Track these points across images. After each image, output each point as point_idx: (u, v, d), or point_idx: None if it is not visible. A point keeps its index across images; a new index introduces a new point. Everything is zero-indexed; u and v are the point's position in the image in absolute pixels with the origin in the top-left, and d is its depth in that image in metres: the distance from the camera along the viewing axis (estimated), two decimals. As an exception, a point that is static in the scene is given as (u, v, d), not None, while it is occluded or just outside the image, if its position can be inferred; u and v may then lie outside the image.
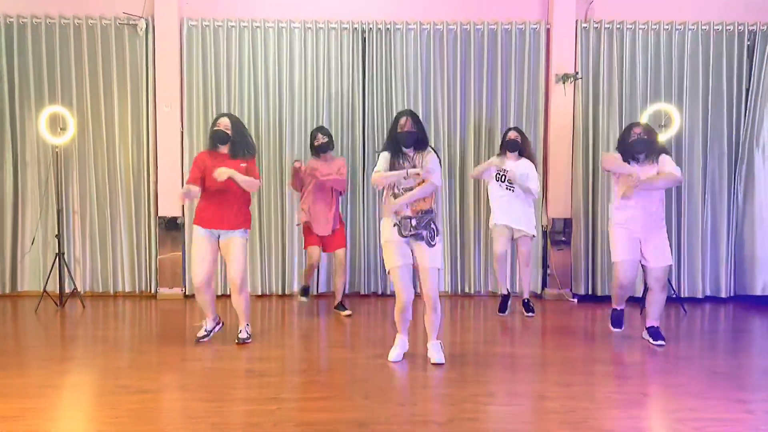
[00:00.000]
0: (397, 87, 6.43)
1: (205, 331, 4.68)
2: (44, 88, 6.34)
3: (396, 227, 4.04)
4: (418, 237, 4.02)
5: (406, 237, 4.01)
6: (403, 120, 4.09)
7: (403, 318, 4.17)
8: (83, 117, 6.40)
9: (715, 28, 6.35)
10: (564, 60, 6.39)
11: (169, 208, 6.37)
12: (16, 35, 6.28)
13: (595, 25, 6.38)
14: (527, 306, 5.64)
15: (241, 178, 4.42)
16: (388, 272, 4.11)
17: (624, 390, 3.65)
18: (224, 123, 4.55)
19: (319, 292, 6.57)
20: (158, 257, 6.42)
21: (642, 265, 4.57)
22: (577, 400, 3.46)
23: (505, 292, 5.68)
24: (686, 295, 6.42)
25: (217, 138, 4.54)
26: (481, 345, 4.74)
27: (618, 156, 4.56)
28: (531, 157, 5.56)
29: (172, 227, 6.40)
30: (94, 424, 3.18)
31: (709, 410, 3.33)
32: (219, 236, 4.57)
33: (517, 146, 5.49)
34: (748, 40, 6.38)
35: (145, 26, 6.32)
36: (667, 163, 4.47)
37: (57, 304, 5.98)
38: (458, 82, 6.44)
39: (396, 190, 4.05)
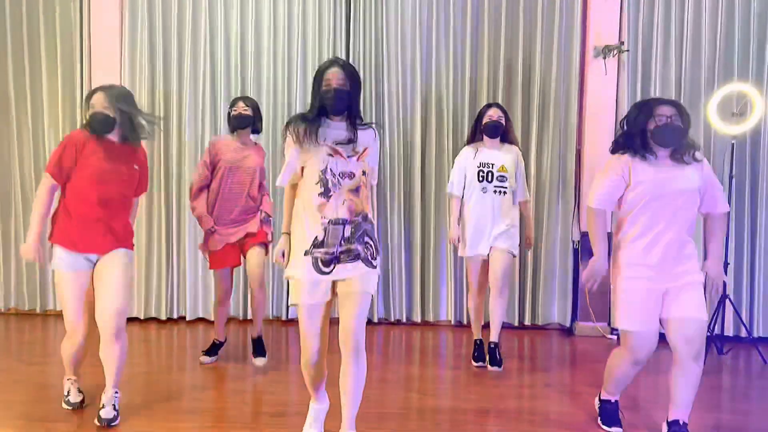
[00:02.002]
0: (390, 59, 5.18)
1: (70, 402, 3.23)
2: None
3: (310, 257, 2.61)
4: (351, 256, 2.64)
5: (327, 272, 2.62)
6: (332, 72, 2.65)
7: (314, 377, 2.78)
8: (5, 95, 5.30)
9: (809, -14, 4.88)
10: (605, 28, 5.04)
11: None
12: None
13: (648, -17, 5.00)
14: (493, 354, 4.08)
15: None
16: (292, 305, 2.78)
17: None
18: (100, 101, 3.07)
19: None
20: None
21: (662, 323, 2.92)
22: None
23: (479, 338, 4.27)
24: (760, 335, 4.97)
25: (97, 125, 3.05)
26: None
27: (609, 172, 2.94)
28: (517, 143, 4.24)
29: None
30: None
31: None
32: (95, 260, 3.15)
33: (500, 129, 4.10)
34: None
35: (79, -16, 5.19)
36: (716, 186, 2.92)
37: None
38: (468, 55, 5.16)
39: (328, 182, 2.62)
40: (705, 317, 2.84)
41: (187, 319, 5.26)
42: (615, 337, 4.93)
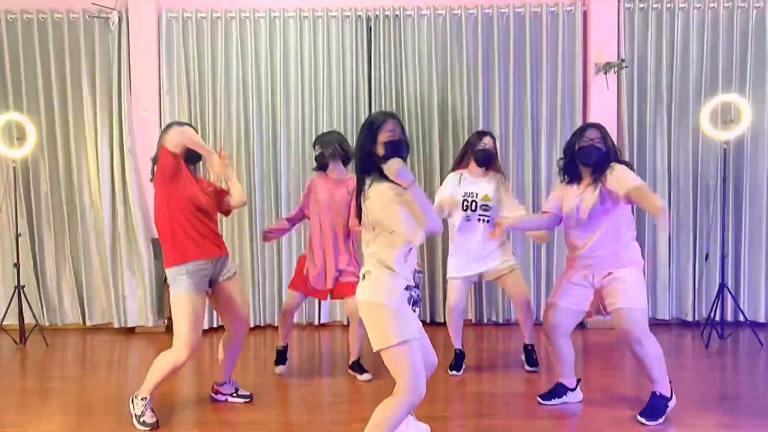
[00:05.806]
0: (409, 83, 5.54)
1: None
2: (8, 93, 5.50)
3: (407, 292, 2.67)
4: (418, 303, 2.76)
5: (416, 308, 2.73)
6: (391, 125, 2.72)
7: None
8: (51, 125, 5.56)
9: (786, 4, 5.39)
10: (605, 47, 5.43)
11: (151, 227, 5.48)
12: (-27, 33, 5.47)
13: (641, 6, 5.43)
14: (529, 355, 4.32)
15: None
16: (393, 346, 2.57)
17: None
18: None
19: (322, 321, 5.70)
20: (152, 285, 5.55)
21: None
22: None
23: (459, 347, 4.36)
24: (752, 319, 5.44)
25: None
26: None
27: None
28: (499, 171, 4.25)
29: (157, 249, 5.47)
30: None
31: None
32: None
33: (491, 159, 4.18)
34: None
35: (117, 20, 5.45)
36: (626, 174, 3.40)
37: (17, 342, 5.13)
38: (480, 76, 5.51)
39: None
40: None
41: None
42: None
